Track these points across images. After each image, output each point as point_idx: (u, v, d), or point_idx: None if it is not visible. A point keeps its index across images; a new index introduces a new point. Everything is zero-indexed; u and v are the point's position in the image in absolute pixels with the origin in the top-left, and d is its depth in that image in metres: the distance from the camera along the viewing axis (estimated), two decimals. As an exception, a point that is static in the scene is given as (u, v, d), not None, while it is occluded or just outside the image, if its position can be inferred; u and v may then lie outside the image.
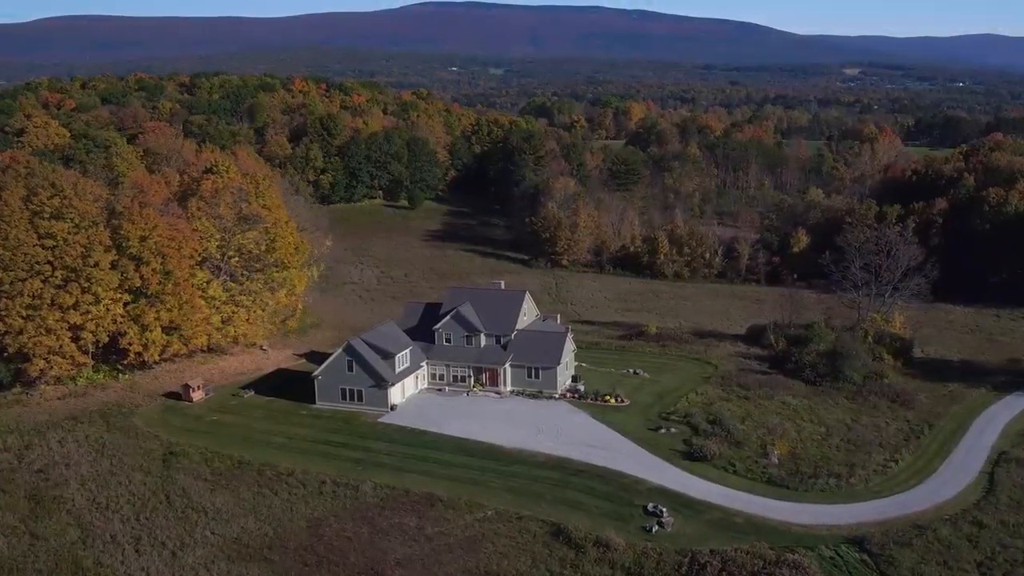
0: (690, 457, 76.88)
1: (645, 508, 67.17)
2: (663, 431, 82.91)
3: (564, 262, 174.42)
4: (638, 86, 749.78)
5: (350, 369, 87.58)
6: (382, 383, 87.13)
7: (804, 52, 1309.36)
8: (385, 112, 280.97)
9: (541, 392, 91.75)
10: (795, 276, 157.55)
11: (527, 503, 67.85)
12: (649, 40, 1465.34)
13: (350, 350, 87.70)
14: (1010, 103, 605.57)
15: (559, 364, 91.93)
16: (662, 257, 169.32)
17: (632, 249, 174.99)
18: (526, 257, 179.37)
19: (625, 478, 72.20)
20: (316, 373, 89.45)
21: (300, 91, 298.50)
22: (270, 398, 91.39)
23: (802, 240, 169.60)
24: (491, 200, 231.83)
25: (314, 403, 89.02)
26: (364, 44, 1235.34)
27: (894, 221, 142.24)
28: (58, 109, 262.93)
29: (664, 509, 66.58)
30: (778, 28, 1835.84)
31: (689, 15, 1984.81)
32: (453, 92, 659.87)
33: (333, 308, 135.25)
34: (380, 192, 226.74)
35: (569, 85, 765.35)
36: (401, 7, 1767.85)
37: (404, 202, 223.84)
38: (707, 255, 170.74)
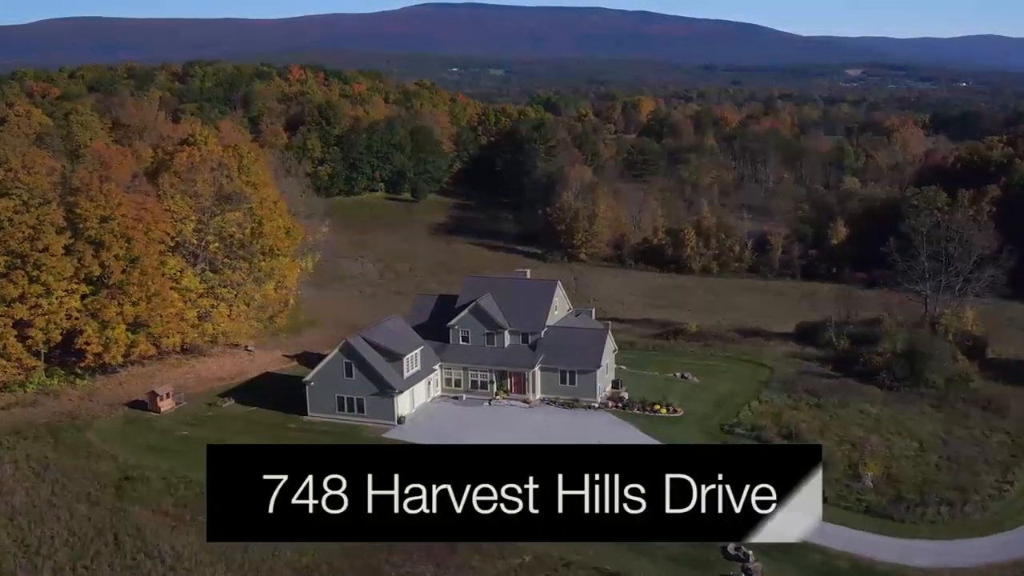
0: (767, 481, 62.76)
1: (725, 550, 53.15)
2: (729, 448, 68.86)
3: (582, 256, 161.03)
4: (640, 86, 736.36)
5: (349, 374, 73.84)
6: (387, 390, 73.27)
7: (805, 53, 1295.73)
8: (387, 101, 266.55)
9: (577, 400, 77.67)
10: (833, 269, 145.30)
11: (574, 544, 53.59)
12: (650, 41, 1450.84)
13: (349, 351, 73.97)
14: (1016, 101, 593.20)
15: (599, 367, 77.83)
16: (689, 251, 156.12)
17: (655, 242, 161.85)
18: (540, 251, 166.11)
19: (694, 510, 58.03)
20: (308, 378, 75.60)
21: (297, 80, 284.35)
22: (253, 408, 77.17)
23: (840, 232, 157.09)
24: (499, 193, 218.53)
25: (306, 414, 75.18)
26: (364, 45, 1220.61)
27: (967, 204, 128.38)
28: (43, 98, 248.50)
29: (749, 552, 52.58)
30: (779, 29, 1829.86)
31: (690, 16, 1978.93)
32: (454, 92, 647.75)
33: (330, 304, 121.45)
34: (382, 184, 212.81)
35: (571, 85, 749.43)
36: (401, 8, 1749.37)
37: (407, 195, 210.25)
38: (737, 248, 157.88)
